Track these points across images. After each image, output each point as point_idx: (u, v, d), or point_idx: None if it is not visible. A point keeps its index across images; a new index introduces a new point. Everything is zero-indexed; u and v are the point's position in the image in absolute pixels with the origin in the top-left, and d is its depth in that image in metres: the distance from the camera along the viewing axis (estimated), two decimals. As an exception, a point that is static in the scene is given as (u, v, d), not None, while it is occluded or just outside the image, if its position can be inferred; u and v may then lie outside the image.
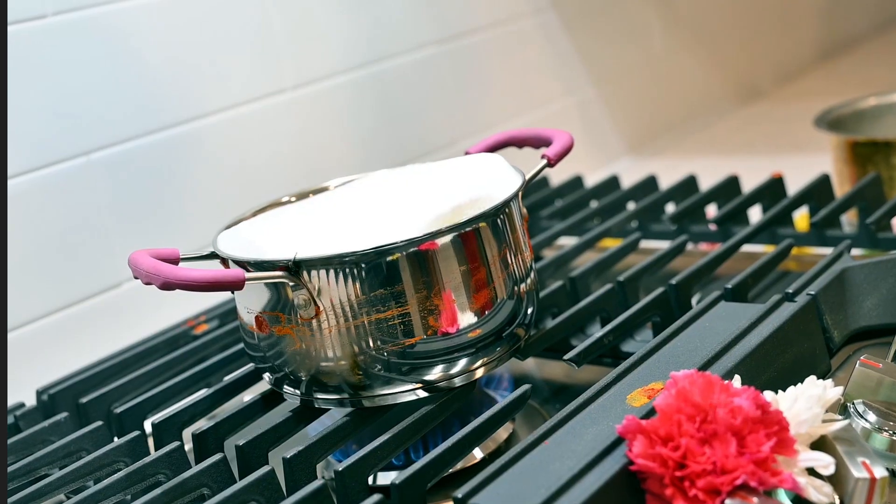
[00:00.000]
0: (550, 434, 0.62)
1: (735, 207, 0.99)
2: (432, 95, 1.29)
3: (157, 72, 1.02)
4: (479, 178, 0.74)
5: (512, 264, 0.72)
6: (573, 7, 1.51)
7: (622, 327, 0.76)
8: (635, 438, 0.56)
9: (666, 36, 1.70)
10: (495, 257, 0.70)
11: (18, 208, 0.93)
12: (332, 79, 1.18)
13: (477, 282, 0.69)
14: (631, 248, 0.94)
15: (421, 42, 1.28)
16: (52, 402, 0.83)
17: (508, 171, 0.75)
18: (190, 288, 0.64)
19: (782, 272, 0.92)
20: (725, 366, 0.65)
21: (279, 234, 0.71)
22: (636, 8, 1.63)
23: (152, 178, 1.01)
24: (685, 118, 1.72)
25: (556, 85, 1.49)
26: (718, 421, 0.55)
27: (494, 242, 0.70)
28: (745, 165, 1.22)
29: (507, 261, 0.71)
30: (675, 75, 1.71)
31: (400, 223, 0.68)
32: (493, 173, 0.75)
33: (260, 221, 0.75)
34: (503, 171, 0.75)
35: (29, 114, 0.93)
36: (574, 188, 1.19)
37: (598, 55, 1.56)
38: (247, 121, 1.09)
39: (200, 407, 0.77)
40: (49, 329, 0.94)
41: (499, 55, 1.39)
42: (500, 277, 0.71)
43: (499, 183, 0.73)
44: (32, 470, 0.72)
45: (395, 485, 0.60)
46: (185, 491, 0.65)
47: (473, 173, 0.75)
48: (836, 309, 0.74)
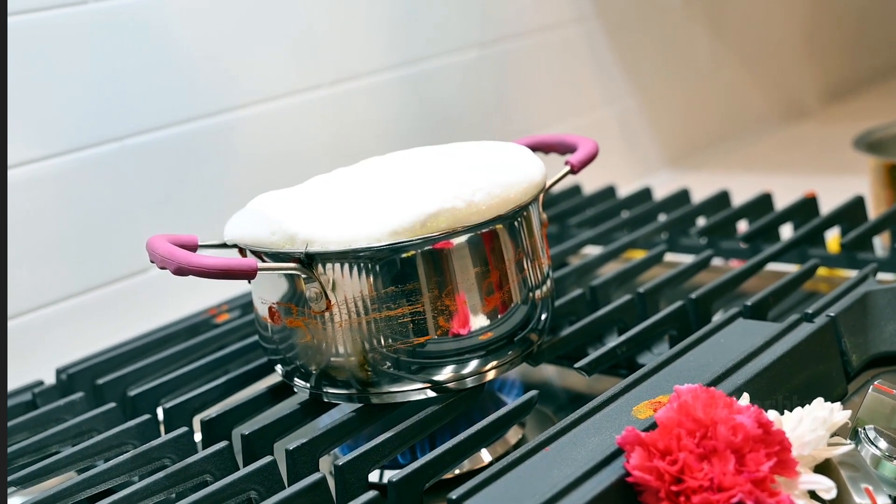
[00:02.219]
0: (552, 441, 0.61)
1: (765, 225, 0.98)
2: (470, 99, 1.29)
3: (195, 61, 1.03)
4: (504, 171, 0.72)
5: (527, 269, 0.71)
6: (618, 16, 1.50)
7: (637, 339, 0.76)
8: (633, 450, 0.56)
9: (712, 49, 1.68)
10: (511, 260, 0.70)
11: (50, 189, 0.94)
12: (371, 77, 1.19)
13: (490, 284, 0.69)
14: (655, 261, 0.93)
15: (462, 44, 1.28)
16: (71, 381, 0.84)
17: (533, 172, 0.74)
18: (202, 274, 0.64)
19: (810, 293, 0.91)
20: (735, 383, 0.64)
21: (298, 215, 0.69)
22: (683, 20, 1.62)
23: (184, 166, 1.02)
24: (727, 134, 1.71)
25: (597, 94, 1.49)
26: (719, 437, 0.55)
27: (511, 245, 0.70)
28: (784, 184, 1.20)
29: (523, 265, 0.71)
30: (720, 90, 1.69)
31: (416, 212, 0.67)
32: (519, 169, 0.73)
33: (282, 199, 0.74)
34: (529, 169, 0.74)
35: (66, 96, 0.94)
36: (606, 197, 1.18)
37: (641, 65, 1.55)
38: (282, 115, 1.10)
39: (213, 395, 0.77)
40: (74, 310, 0.96)
41: (540, 62, 1.39)
42: (515, 281, 0.70)
43: (521, 182, 0.72)
44: (44, 447, 0.73)
45: (391, 483, 0.60)
46: (188, 476, 0.65)
47: (501, 164, 0.73)
48: (855, 332, 0.73)
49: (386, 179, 0.74)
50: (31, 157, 0.93)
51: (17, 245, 0.93)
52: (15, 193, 0.92)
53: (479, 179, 0.69)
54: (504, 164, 0.72)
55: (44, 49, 0.93)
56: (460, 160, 0.74)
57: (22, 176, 0.92)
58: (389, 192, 0.70)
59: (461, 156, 0.76)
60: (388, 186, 0.71)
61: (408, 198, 0.68)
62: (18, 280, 0.93)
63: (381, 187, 0.72)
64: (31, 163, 0.93)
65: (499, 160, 0.73)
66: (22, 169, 0.92)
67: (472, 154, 0.76)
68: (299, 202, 0.71)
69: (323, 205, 0.70)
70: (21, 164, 0.92)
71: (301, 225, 0.67)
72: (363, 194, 0.71)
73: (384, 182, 0.73)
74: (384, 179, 0.74)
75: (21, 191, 0.92)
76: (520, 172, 0.71)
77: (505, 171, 0.71)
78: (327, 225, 0.66)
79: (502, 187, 0.69)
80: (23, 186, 0.92)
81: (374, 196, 0.70)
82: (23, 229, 0.93)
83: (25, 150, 0.92)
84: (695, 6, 1.64)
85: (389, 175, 0.75)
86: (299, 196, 0.73)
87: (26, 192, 0.93)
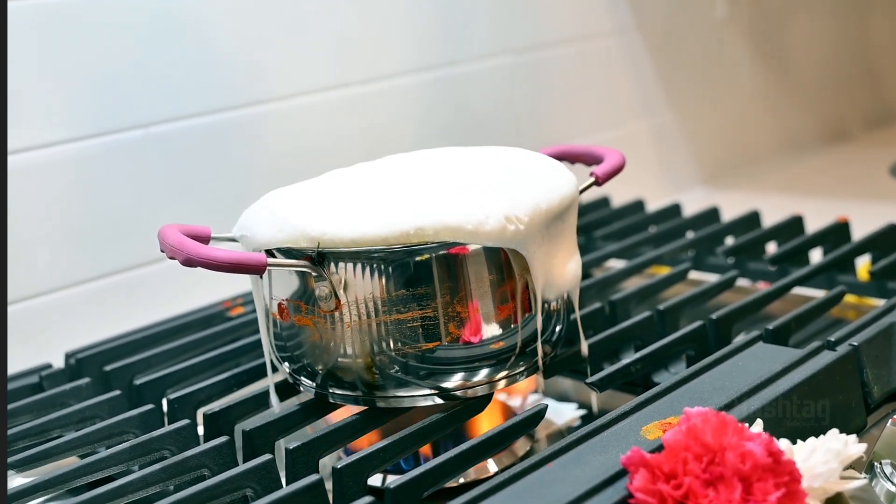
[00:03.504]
0: (556, 457, 0.60)
1: (794, 248, 0.96)
2: (503, 105, 1.28)
3: (226, 53, 1.02)
4: (531, 181, 0.71)
5: (545, 279, 0.70)
6: (658, 30, 1.48)
7: (653, 357, 0.74)
8: (637, 471, 0.54)
9: (755, 68, 1.66)
10: (526, 269, 0.68)
11: (73, 172, 0.94)
12: (402, 78, 1.18)
13: (505, 292, 0.68)
14: (679, 278, 0.91)
15: (497, 50, 1.27)
16: (79, 366, 0.83)
17: (566, 186, 0.72)
18: (210, 266, 0.63)
19: (836, 320, 0.88)
20: (748, 408, 0.62)
21: (308, 212, 0.67)
22: (726, 37, 1.60)
23: (208, 157, 1.02)
24: (764, 155, 1.68)
25: (633, 107, 1.47)
26: (726, 464, 0.53)
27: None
28: (818, 208, 1.18)
29: (540, 275, 0.69)
30: (760, 110, 1.67)
31: (433, 214, 0.66)
32: (553, 182, 0.71)
33: (294, 194, 0.73)
34: (562, 183, 0.72)
35: (94, 80, 0.94)
36: (634, 211, 1.16)
37: (680, 81, 1.53)
38: (310, 111, 1.09)
39: (218, 388, 0.76)
40: (89, 294, 0.95)
41: (576, 71, 1.37)
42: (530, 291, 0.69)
43: (555, 197, 0.70)
44: (46, 430, 0.73)
45: (389, 489, 0.58)
46: (186, 469, 0.64)
47: (533, 176, 0.72)
48: (879, 363, 0.71)
49: (413, 178, 0.72)
50: (56, 138, 0.93)
51: (37, 226, 0.93)
52: (37, 174, 0.92)
53: (516, 193, 0.67)
54: (537, 176, 0.70)
55: (75, 31, 0.93)
56: (492, 166, 0.72)
57: (45, 157, 0.92)
58: (406, 206, 0.67)
59: (492, 161, 0.74)
60: (406, 198, 0.69)
61: (430, 202, 0.66)
62: (35, 261, 0.92)
63: (407, 187, 0.70)
64: (56, 145, 0.93)
65: (531, 170, 0.72)
66: (46, 151, 0.92)
67: (504, 160, 0.74)
68: (312, 197, 0.70)
69: (336, 200, 0.68)
70: (45, 145, 0.92)
71: (310, 222, 0.65)
72: (381, 192, 0.69)
73: (411, 181, 0.71)
74: (412, 178, 0.72)
75: (44, 172, 0.92)
76: (554, 186, 0.70)
77: (540, 185, 0.69)
78: (338, 222, 0.65)
79: (538, 202, 0.67)
80: (46, 168, 0.92)
81: (396, 195, 0.68)
82: (45, 211, 0.93)
83: (50, 131, 0.92)
84: (739, 24, 1.61)
85: (418, 174, 0.73)
86: (313, 191, 0.71)
87: (49, 174, 0.93)
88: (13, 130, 0.89)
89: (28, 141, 0.91)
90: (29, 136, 0.91)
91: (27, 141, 0.91)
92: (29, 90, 0.91)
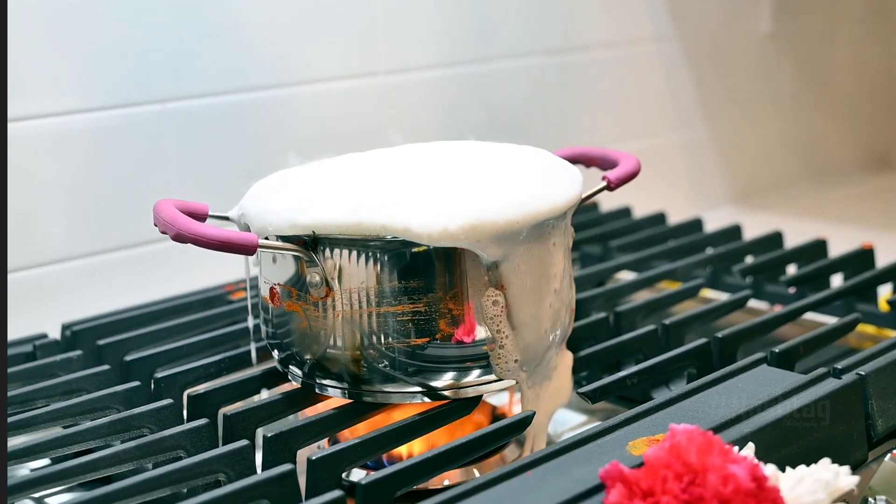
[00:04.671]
0: (537, 465, 0.58)
1: (813, 271, 0.93)
2: (529, 105, 1.26)
3: (250, 34, 1.01)
4: (540, 184, 0.69)
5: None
6: (699, 41, 1.45)
7: (651, 371, 0.72)
8: (614, 486, 0.52)
9: (798, 89, 1.62)
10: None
11: (88, 142, 0.93)
12: (429, 71, 1.16)
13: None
14: (690, 294, 0.89)
15: (528, 50, 1.25)
16: (74, 338, 0.83)
17: (569, 188, 0.70)
18: (200, 244, 0.62)
19: (851, 349, 0.86)
20: (741, 431, 0.60)
21: (309, 196, 0.66)
22: (768, 54, 1.56)
23: (223, 137, 1.01)
24: (800, 178, 1.64)
25: (666, 118, 1.44)
26: (707, 485, 0.51)
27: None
28: (848, 235, 1.14)
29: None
30: (800, 131, 1.63)
31: (432, 206, 0.64)
32: (556, 183, 0.69)
33: (297, 177, 0.72)
34: (566, 185, 0.70)
35: (115, 52, 0.93)
36: (655, 223, 1.14)
37: (718, 95, 1.50)
38: (332, 97, 1.08)
39: (208, 371, 0.75)
40: (93, 268, 0.95)
41: (609, 77, 1.35)
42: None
43: (556, 197, 0.68)
44: (30, 399, 0.72)
45: (360, 485, 0.57)
46: (162, 448, 0.63)
47: (538, 175, 0.70)
48: (886, 396, 0.68)
49: (417, 170, 0.70)
50: (69, 108, 0.92)
51: (46, 194, 0.92)
52: (49, 143, 0.91)
53: (513, 191, 0.65)
54: (541, 176, 0.68)
55: (96, 1, 0.92)
56: (497, 163, 0.71)
57: (58, 126, 0.92)
58: (410, 196, 0.65)
59: (498, 158, 0.72)
60: (416, 179, 0.67)
61: (432, 197, 0.64)
62: (41, 230, 0.92)
63: (407, 178, 0.68)
64: (69, 114, 0.92)
65: (537, 170, 0.70)
66: (58, 119, 0.92)
67: (510, 158, 0.72)
68: (312, 183, 0.68)
69: (336, 187, 0.67)
70: (58, 114, 0.91)
71: (302, 211, 0.64)
72: (383, 182, 0.68)
73: (413, 172, 0.69)
74: (414, 169, 0.70)
75: (56, 141, 0.92)
76: (557, 187, 0.68)
77: (541, 184, 0.67)
78: (332, 209, 0.63)
79: (536, 201, 0.65)
80: (58, 137, 0.92)
81: (397, 187, 0.67)
82: (59, 180, 0.93)
83: (63, 100, 0.92)
84: (783, 41, 1.58)
85: (422, 166, 0.71)
86: (313, 175, 0.70)
87: (61, 143, 0.92)
88: (24, 97, 0.89)
89: (39, 108, 0.90)
90: (41, 103, 0.90)
91: (38, 108, 0.90)
92: (44, 57, 0.90)
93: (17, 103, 0.89)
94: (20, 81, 0.89)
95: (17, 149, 0.90)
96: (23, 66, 0.89)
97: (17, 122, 0.89)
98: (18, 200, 0.90)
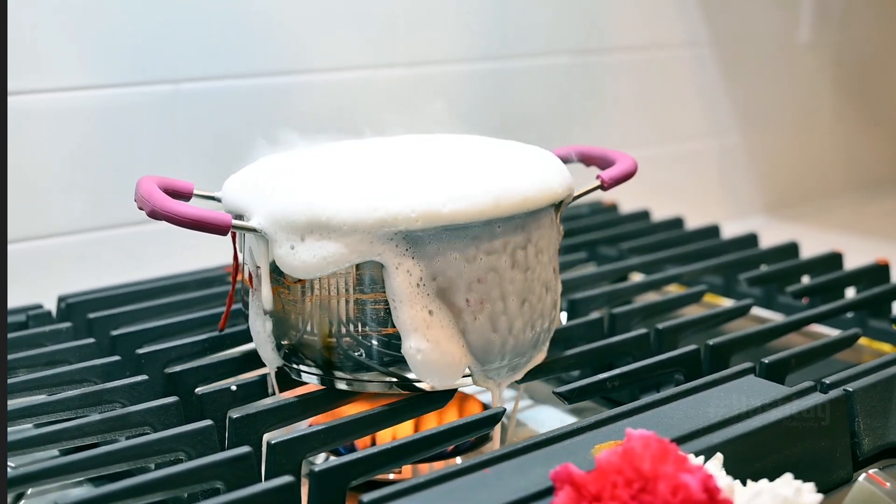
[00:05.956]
0: (496, 463, 0.57)
1: (822, 283, 0.90)
2: (554, 105, 1.24)
3: (266, 18, 1.01)
4: (525, 175, 0.67)
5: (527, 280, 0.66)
6: (735, 47, 1.42)
7: (634, 375, 0.70)
8: (562, 488, 0.50)
9: (838, 99, 1.58)
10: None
11: (95, 119, 0.94)
12: (451, 65, 1.15)
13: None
14: (692, 300, 0.87)
15: (554, 48, 1.23)
16: (68, 310, 0.83)
17: (557, 179, 0.68)
18: (173, 221, 0.62)
19: (853, 366, 0.83)
20: (711, 441, 0.58)
21: (296, 182, 0.66)
22: (808, 62, 1.53)
23: (236, 119, 1.01)
24: (838, 190, 1.60)
25: (698, 124, 1.41)
26: (657, 494, 0.49)
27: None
28: (880, 250, 1.11)
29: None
30: (836, 142, 1.59)
31: (420, 193, 0.63)
32: (544, 175, 0.68)
33: (289, 162, 0.71)
34: (553, 178, 0.68)
35: (132, 29, 0.94)
36: (672, 227, 1.12)
37: (753, 102, 1.46)
38: (349, 86, 1.08)
39: (191, 350, 0.75)
40: (98, 243, 0.95)
41: (638, 80, 1.33)
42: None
43: (538, 188, 0.67)
44: (11, 368, 0.72)
45: (313, 472, 0.56)
46: (128, 424, 0.63)
47: (525, 168, 0.68)
48: (874, 414, 0.65)
49: (398, 160, 0.70)
50: (85, 83, 0.93)
51: (56, 167, 0.93)
52: (66, 117, 0.92)
53: (485, 180, 0.64)
54: (522, 168, 0.67)
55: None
56: (478, 155, 0.70)
57: (67, 101, 0.92)
58: (392, 183, 0.64)
59: (482, 151, 0.71)
60: (397, 175, 0.66)
61: (410, 183, 0.63)
62: (47, 203, 0.93)
63: (384, 167, 0.68)
64: (84, 89, 0.93)
65: (520, 163, 0.68)
66: (67, 94, 0.92)
67: (494, 151, 0.71)
68: (297, 171, 0.68)
69: (317, 177, 0.66)
70: (74, 88, 0.92)
71: (278, 203, 0.63)
72: (358, 171, 0.67)
73: (392, 162, 0.69)
74: (393, 159, 0.70)
75: (71, 115, 0.92)
76: (535, 179, 0.66)
77: (519, 176, 0.65)
78: (298, 198, 0.63)
79: (508, 191, 0.63)
80: (73, 111, 0.92)
81: (373, 174, 0.66)
82: (76, 155, 0.93)
83: (79, 75, 0.92)
84: (824, 49, 1.54)
85: (404, 156, 0.71)
86: (302, 163, 0.70)
87: (76, 118, 0.93)
88: (37, 72, 0.90)
89: (52, 83, 0.91)
90: (53, 78, 0.91)
91: (51, 83, 0.91)
92: (61, 33, 0.91)
93: (29, 77, 0.90)
94: (35, 56, 0.90)
95: (31, 122, 0.91)
96: (40, 41, 0.89)
97: (29, 95, 0.90)
98: (30, 173, 0.91)
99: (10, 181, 0.90)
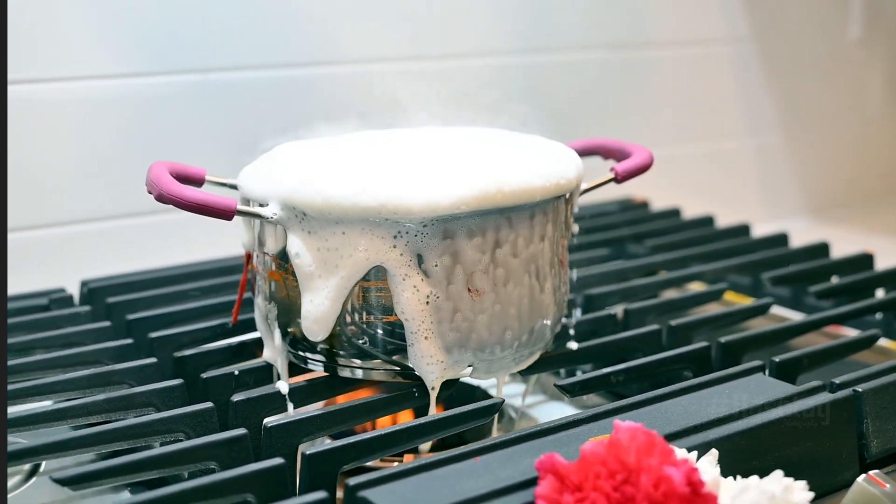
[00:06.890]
0: (486, 452, 0.56)
1: (846, 284, 0.89)
2: (587, 101, 1.23)
3: (296, 9, 1.02)
4: (529, 166, 0.66)
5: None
6: (778, 42, 1.39)
7: (639, 370, 0.69)
8: (545, 477, 0.50)
9: (886, 98, 1.54)
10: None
11: (125, 109, 0.95)
12: (483, 58, 1.15)
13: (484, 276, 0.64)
14: (712, 298, 0.86)
15: (590, 43, 1.22)
16: (89, 294, 0.85)
17: (562, 171, 0.68)
18: (178, 205, 0.63)
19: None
20: (707, 437, 0.57)
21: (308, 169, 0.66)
22: (857, 61, 1.49)
23: (261, 110, 1.01)
24: (885, 193, 1.56)
25: (738, 122, 1.39)
26: (640, 486, 0.48)
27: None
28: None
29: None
30: (885, 143, 1.55)
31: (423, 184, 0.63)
32: (549, 167, 0.67)
33: (306, 151, 0.72)
34: (559, 169, 0.68)
35: (161, 18, 0.95)
36: (701, 225, 1.10)
37: (797, 101, 1.44)
38: (378, 78, 1.08)
39: (204, 335, 0.76)
40: (127, 228, 0.97)
41: (677, 76, 1.31)
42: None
43: (543, 179, 0.66)
44: (29, 348, 0.74)
45: (305, 456, 0.56)
46: (132, 405, 0.64)
47: (531, 160, 0.68)
48: (883, 416, 0.64)
49: (412, 151, 0.70)
50: (112, 72, 0.94)
51: (87, 154, 0.95)
52: (94, 105, 0.94)
53: (488, 171, 0.63)
54: (528, 160, 0.66)
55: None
56: (488, 147, 0.69)
57: (100, 89, 0.94)
58: (402, 174, 0.64)
59: (494, 143, 0.71)
60: (405, 166, 0.67)
61: (415, 174, 0.63)
62: (74, 188, 0.94)
63: (396, 158, 0.68)
64: (112, 77, 0.94)
65: (528, 154, 0.68)
66: (101, 82, 0.94)
67: (507, 143, 0.71)
68: (312, 160, 0.68)
69: (324, 165, 0.66)
70: (101, 76, 0.94)
71: (290, 189, 0.63)
72: (368, 162, 0.67)
73: (405, 153, 0.69)
74: (407, 150, 0.70)
75: (99, 104, 0.94)
76: (540, 171, 0.65)
77: (523, 167, 0.65)
78: (311, 186, 0.63)
79: (509, 181, 0.63)
80: (102, 100, 0.94)
81: (382, 165, 0.66)
82: (106, 143, 0.95)
83: (107, 64, 0.94)
84: (874, 48, 1.51)
85: (420, 147, 0.71)
86: (318, 152, 0.70)
87: (104, 106, 0.94)
88: (66, 61, 0.91)
89: (79, 71, 0.93)
90: (80, 66, 0.93)
91: (78, 71, 0.93)
92: (88, 20, 0.92)
93: (59, 67, 0.91)
94: (64, 45, 0.91)
95: (59, 111, 0.92)
96: (69, 30, 0.91)
97: (58, 83, 0.92)
98: (62, 161, 0.92)
99: (41, 169, 0.93)
